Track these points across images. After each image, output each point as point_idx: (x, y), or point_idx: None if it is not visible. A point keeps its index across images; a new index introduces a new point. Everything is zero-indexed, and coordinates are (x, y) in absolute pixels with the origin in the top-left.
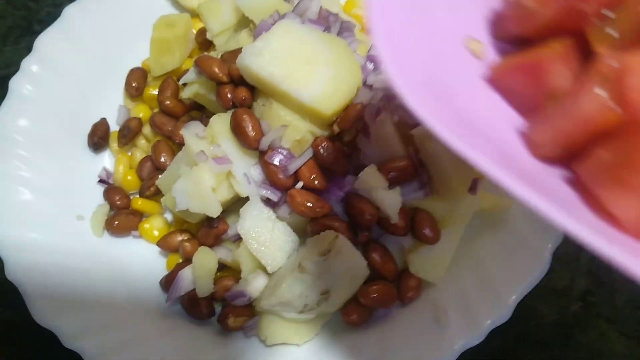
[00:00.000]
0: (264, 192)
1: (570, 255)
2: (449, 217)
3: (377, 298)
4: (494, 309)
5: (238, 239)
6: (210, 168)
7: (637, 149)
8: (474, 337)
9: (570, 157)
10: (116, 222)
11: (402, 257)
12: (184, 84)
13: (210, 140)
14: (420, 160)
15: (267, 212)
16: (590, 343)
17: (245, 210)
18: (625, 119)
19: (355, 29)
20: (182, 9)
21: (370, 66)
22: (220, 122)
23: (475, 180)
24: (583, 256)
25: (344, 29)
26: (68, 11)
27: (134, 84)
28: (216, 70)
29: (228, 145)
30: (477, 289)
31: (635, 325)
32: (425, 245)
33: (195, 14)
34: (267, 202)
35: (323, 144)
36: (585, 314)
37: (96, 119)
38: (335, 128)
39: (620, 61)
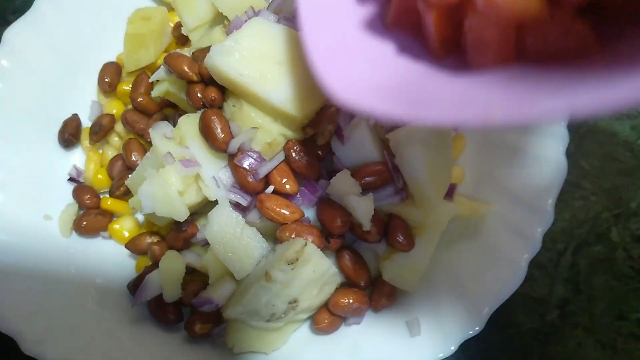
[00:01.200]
0: (233, 196)
1: (550, 262)
2: (424, 224)
3: (348, 308)
4: (467, 321)
5: (207, 243)
6: (178, 170)
7: None
8: (445, 348)
9: None
10: (84, 223)
11: (376, 264)
12: (155, 81)
13: (179, 142)
14: (396, 166)
15: (236, 216)
16: (568, 352)
17: (213, 214)
18: None
19: None
20: (159, 1)
21: None
22: (189, 123)
23: (452, 186)
24: (562, 264)
25: None
26: (40, 2)
27: (106, 79)
28: (185, 68)
29: (196, 147)
30: (451, 300)
31: (612, 334)
32: (399, 253)
33: (171, 8)
34: (237, 206)
35: (295, 147)
36: (563, 323)
37: (68, 115)
38: (308, 131)
39: None
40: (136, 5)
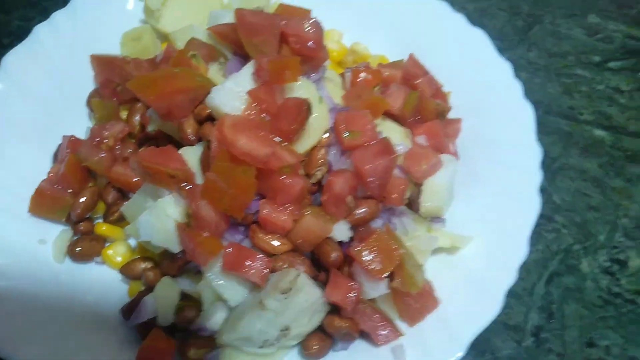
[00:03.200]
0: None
1: (525, 291)
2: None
3: (340, 331)
4: (450, 347)
5: (200, 271)
6: (176, 201)
7: None
8: None
9: None
10: (79, 249)
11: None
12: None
13: None
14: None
15: None
16: None
17: None
18: None
19: (326, 66)
20: (145, 21)
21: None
22: (190, 155)
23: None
24: (536, 293)
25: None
26: (38, 30)
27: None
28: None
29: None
30: (434, 327)
31: None
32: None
33: (167, 40)
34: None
35: None
36: (537, 349)
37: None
38: (301, 171)
39: None
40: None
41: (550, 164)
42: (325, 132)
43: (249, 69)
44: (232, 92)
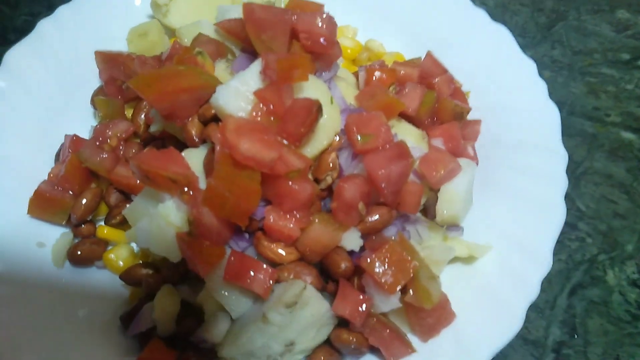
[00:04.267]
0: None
1: (547, 304)
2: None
3: (348, 345)
4: None
5: (202, 279)
6: (177, 207)
7: None
8: None
9: None
10: (79, 252)
11: None
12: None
13: None
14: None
15: None
16: None
17: None
18: None
19: (339, 64)
20: (151, 16)
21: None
22: (194, 157)
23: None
24: (558, 306)
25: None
26: (42, 25)
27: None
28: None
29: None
30: (448, 343)
31: None
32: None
33: (174, 35)
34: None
35: None
36: None
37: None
38: (310, 176)
39: None
40: (135, 25)
41: (574, 168)
42: (336, 135)
43: (256, 67)
44: (238, 92)
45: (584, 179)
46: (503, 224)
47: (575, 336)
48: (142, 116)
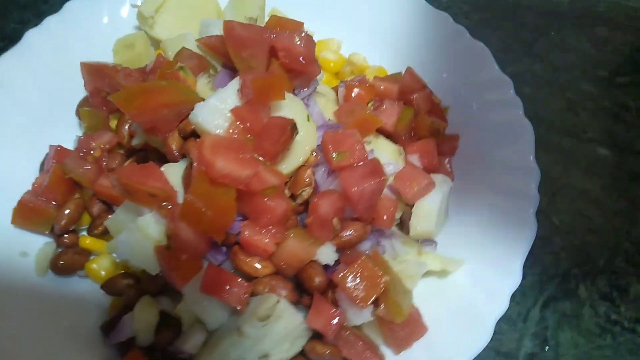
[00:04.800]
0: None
1: (519, 316)
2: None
3: (322, 357)
4: None
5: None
6: (156, 220)
7: None
8: None
9: None
10: (62, 262)
11: None
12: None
13: None
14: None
15: None
16: None
17: None
18: None
19: (318, 81)
20: (139, 28)
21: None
22: (174, 171)
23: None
24: (531, 317)
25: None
26: (29, 35)
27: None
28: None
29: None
30: (420, 355)
31: None
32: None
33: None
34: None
35: None
36: None
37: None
38: (287, 192)
39: None
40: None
41: (551, 184)
42: (312, 152)
43: (234, 85)
44: (216, 110)
45: (559, 194)
46: (476, 239)
47: (547, 348)
48: (126, 127)
